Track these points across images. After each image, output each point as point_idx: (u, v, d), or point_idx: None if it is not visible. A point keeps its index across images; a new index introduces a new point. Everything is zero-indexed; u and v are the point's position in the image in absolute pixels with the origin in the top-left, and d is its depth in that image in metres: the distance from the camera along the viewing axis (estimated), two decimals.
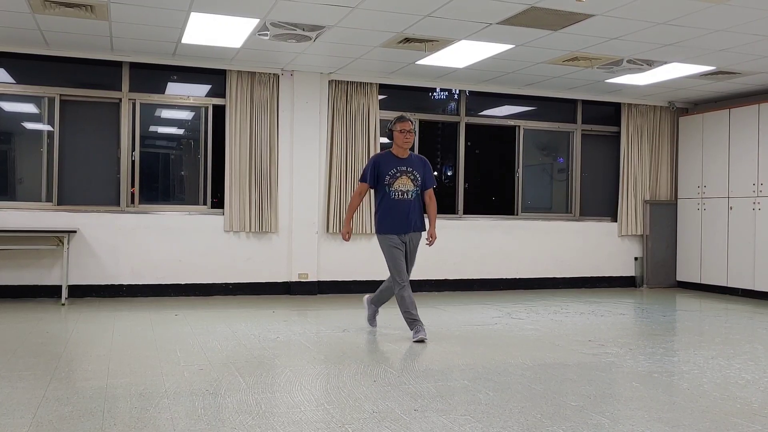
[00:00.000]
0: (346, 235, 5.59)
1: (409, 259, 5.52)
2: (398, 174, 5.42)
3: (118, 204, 7.73)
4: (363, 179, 5.55)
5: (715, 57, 7.13)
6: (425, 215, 5.63)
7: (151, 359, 4.56)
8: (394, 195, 5.40)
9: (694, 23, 5.94)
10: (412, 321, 5.41)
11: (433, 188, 5.67)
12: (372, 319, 6.00)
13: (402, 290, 5.37)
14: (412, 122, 5.50)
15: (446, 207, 8.93)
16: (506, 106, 9.44)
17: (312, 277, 8.21)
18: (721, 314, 7.31)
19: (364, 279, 8.42)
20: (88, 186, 7.70)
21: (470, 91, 9.08)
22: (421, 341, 5.33)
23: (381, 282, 8.80)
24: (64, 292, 7.08)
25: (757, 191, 8.62)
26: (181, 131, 8.52)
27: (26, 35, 6.76)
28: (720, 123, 9.19)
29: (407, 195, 5.43)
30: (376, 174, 5.44)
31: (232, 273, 8.00)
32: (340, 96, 8.34)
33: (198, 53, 7.37)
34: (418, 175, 5.47)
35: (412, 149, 5.72)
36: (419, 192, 5.51)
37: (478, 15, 5.85)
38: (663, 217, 9.84)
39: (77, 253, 7.43)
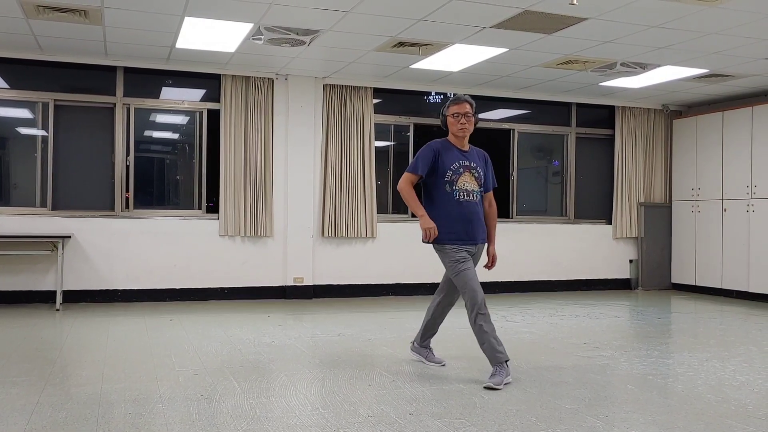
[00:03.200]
0: (433, 231, 4.28)
1: None
2: (461, 170, 4.33)
3: (113, 209, 7.72)
4: (416, 170, 4.31)
5: (708, 60, 7.16)
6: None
7: (145, 364, 4.55)
8: (459, 195, 4.29)
9: (687, 26, 5.97)
10: (496, 358, 4.17)
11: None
12: (430, 358, 4.73)
13: (483, 319, 4.17)
14: (471, 104, 4.42)
15: None
16: (501, 110, 9.46)
17: (307, 281, 8.21)
18: (715, 316, 7.32)
19: (360, 283, 8.43)
20: (82, 191, 7.69)
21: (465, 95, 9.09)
22: (492, 389, 3.99)
23: (377, 285, 8.93)
24: (59, 298, 7.06)
25: (750, 193, 8.64)
26: (175, 136, 8.51)
27: (20, 40, 6.75)
28: (713, 125, 9.22)
29: (472, 196, 4.33)
30: (436, 166, 4.31)
31: (228, 277, 7.99)
32: (335, 100, 8.34)
33: (192, 58, 7.37)
34: (480, 173, 4.42)
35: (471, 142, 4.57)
36: (482, 194, 4.46)
37: (471, 19, 5.86)
38: (657, 220, 9.86)
39: (72, 259, 7.42)
